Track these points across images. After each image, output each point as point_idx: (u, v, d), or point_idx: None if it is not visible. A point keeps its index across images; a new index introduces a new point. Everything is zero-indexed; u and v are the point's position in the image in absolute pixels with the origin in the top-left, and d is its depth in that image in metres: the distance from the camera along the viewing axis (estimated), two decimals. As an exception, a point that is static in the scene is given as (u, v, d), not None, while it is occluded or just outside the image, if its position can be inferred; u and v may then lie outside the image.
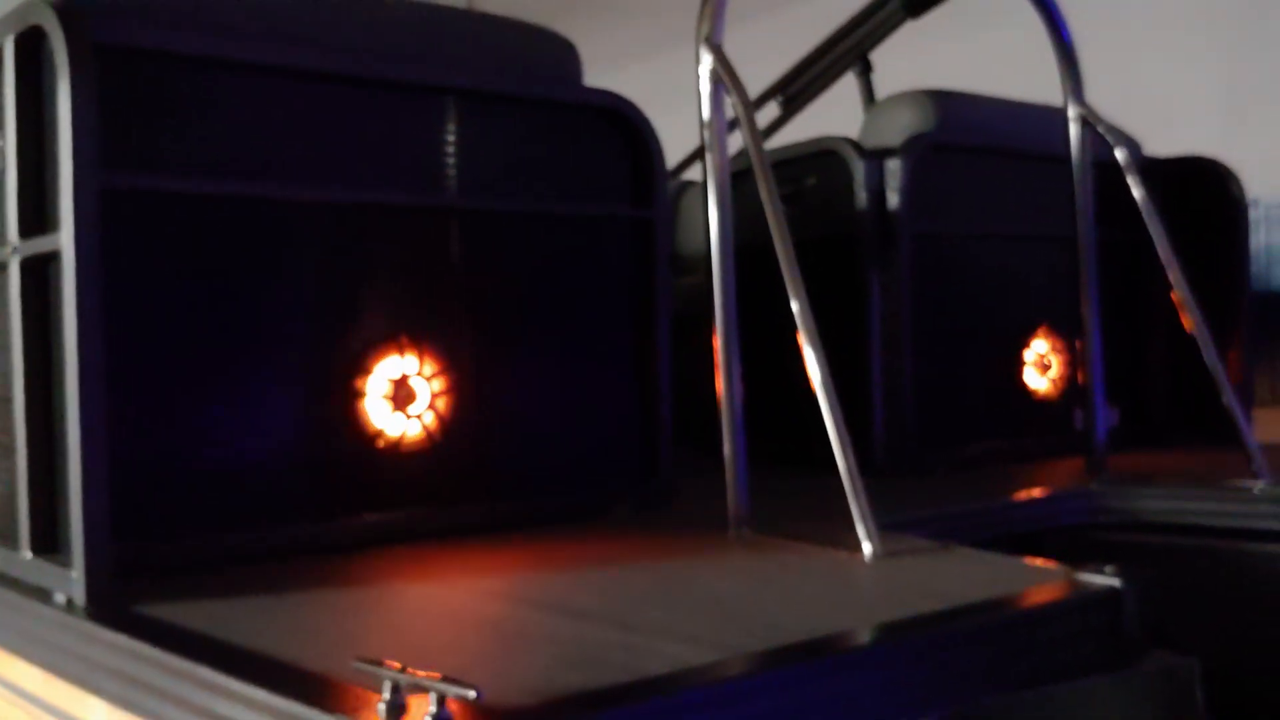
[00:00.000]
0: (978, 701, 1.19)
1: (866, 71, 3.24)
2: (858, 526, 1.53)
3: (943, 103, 2.43)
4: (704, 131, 1.76)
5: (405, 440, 1.68)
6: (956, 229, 2.42)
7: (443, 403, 1.71)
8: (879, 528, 1.53)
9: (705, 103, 1.75)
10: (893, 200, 2.30)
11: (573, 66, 1.92)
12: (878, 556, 1.50)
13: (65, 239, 1.36)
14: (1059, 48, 2.22)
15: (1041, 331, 2.53)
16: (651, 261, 1.91)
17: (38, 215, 1.43)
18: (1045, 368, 2.53)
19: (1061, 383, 2.54)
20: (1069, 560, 1.42)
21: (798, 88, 3.31)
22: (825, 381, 1.58)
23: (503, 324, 1.79)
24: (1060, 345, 2.54)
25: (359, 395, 1.65)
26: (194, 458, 1.52)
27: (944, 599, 1.27)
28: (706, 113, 1.76)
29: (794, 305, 1.61)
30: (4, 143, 1.46)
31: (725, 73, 1.73)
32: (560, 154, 1.86)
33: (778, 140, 3.23)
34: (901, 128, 2.40)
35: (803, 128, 2.95)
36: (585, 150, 1.88)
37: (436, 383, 1.71)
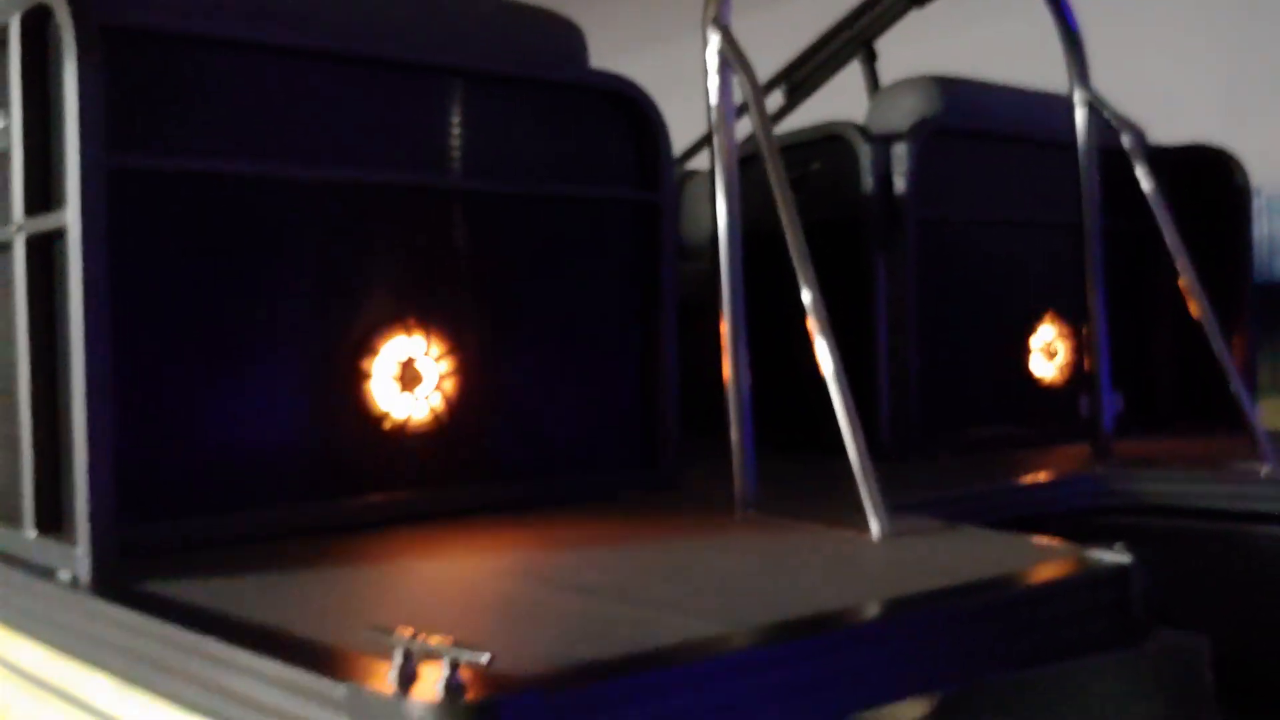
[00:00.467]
0: (986, 677, 1.19)
1: (871, 59, 3.23)
2: (865, 506, 1.52)
3: (948, 88, 2.43)
4: (711, 113, 1.75)
5: (412, 422, 1.68)
6: (962, 214, 2.42)
7: (450, 384, 1.71)
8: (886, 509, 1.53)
9: (712, 84, 1.74)
10: (899, 185, 2.30)
11: (579, 49, 1.91)
12: (886, 535, 1.50)
13: (71, 216, 1.36)
14: (1064, 33, 2.21)
15: (1048, 318, 2.52)
16: (657, 245, 1.90)
17: (43, 193, 1.43)
18: (1051, 354, 2.52)
19: (1067, 369, 2.53)
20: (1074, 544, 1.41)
21: (802, 76, 3.29)
22: (838, 371, 1.58)
23: (509, 306, 1.78)
24: (1066, 331, 2.53)
25: (366, 376, 1.64)
26: (200, 438, 1.52)
27: (953, 576, 1.27)
28: (714, 94, 1.75)
29: (805, 295, 1.60)
30: (9, 121, 1.46)
31: (733, 53, 1.72)
32: (566, 137, 1.85)
33: (782, 129, 3.22)
34: (907, 113, 2.39)
35: (807, 117, 2.93)
36: (591, 133, 1.87)
37: (444, 364, 1.70)
